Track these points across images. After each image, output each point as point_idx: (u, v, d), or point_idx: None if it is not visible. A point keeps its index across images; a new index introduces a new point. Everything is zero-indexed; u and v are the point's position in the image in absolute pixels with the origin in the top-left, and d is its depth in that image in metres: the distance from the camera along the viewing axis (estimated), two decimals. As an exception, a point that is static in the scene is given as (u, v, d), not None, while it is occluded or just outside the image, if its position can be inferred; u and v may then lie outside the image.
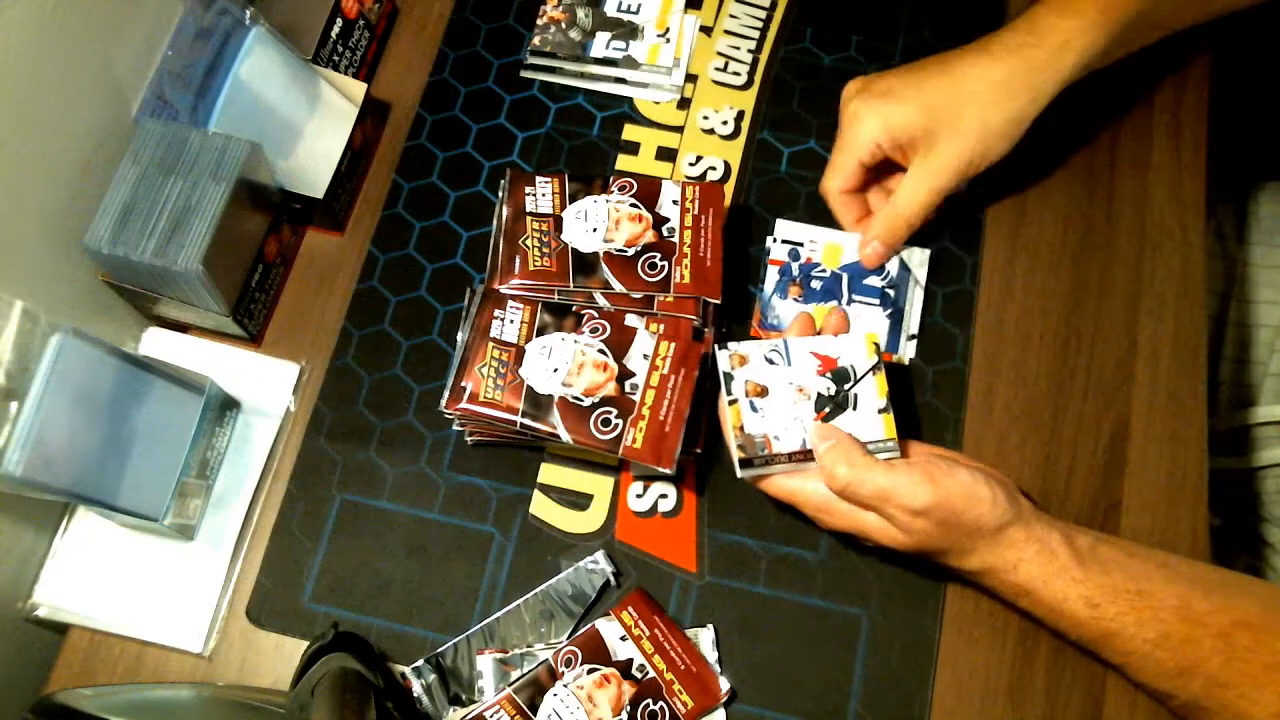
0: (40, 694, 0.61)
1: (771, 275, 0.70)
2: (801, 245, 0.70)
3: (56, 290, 0.63)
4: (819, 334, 0.62)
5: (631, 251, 0.65)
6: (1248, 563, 0.81)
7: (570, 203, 0.67)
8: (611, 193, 0.67)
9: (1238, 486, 0.82)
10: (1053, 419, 0.67)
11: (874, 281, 0.69)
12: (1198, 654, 0.54)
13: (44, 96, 0.59)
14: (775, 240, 0.70)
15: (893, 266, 0.69)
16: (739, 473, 0.59)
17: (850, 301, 0.68)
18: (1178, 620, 0.55)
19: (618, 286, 0.64)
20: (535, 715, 0.57)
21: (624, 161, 0.74)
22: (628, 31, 0.76)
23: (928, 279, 0.69)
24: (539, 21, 0.77)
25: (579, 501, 0.65)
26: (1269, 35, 1.01)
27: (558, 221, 0.66)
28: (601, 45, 0.76)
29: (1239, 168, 0.86)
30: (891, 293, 0.68)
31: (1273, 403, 0.80)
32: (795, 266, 0.70)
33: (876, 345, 0.60)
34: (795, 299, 0.69)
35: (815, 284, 0.69)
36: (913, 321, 0.68)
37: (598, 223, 0.66)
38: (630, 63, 0.75)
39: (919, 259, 0.70)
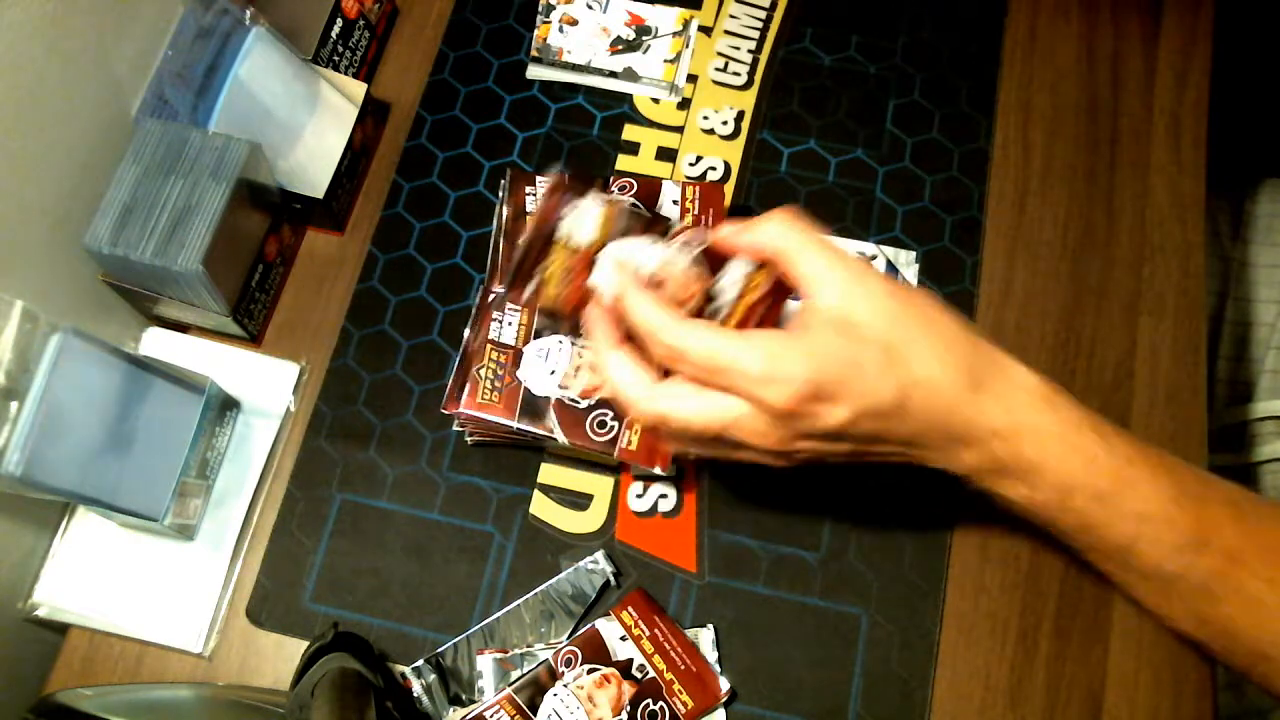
0: (40, 694, 0.61)
1: None
2: None
3: (56, 290, 0.63)
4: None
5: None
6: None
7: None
8: (611, 192, 0.67)
9: (1235, 482, 0.82)
10: (1052, 419, 0.67)
11: None
12: (1213, 518, 0.50)
13: (44, 97, 0.59)
14: None
15: (879, 267, 0.69)
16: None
17: None
18: (1192, 479, 0.51)
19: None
20: (535, 715, 0.57)
21: (624, 161, 0.74)
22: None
23: (928, 280, 0.69)
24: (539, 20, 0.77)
25: (579, 501, 0.65)
26: (1267, 34, 1.01)
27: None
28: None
29: (1235, 166, 0.86)
30: None
31: (1270, 399, 0.80)
32: None
33: (687, 23, 0.70)
34: None
35: None
36: None
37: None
38: (631, 75, 0.75)
39: (905, 259, 0.70)
